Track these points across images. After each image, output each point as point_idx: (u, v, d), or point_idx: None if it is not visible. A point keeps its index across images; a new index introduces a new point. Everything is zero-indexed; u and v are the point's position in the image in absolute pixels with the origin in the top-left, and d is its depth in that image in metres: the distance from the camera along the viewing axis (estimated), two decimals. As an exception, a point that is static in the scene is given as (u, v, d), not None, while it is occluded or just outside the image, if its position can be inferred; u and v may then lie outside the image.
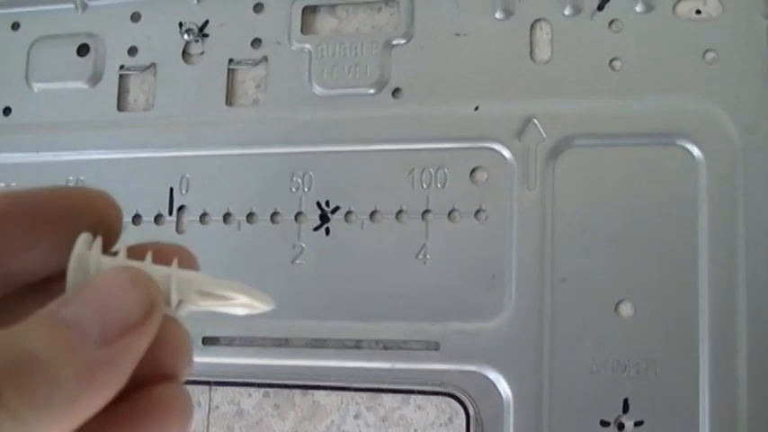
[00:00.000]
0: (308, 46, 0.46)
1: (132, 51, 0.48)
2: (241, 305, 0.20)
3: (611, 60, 0.42)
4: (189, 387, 0.20)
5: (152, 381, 0.19)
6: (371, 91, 0.45)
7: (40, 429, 0.16)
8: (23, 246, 0.19)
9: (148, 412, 0.19)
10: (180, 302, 0.19)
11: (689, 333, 0.39)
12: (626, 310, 0.40)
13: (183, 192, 0.46)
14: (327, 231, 0.44)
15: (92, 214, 0.20)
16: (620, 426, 0.39)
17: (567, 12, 0.43)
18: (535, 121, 0.42)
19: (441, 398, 0.42)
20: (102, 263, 0.19)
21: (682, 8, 0.42)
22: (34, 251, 0.19)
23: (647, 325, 0.40)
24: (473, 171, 0.43)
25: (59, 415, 0.16)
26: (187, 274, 0.20)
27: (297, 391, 0.44)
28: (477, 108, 0.43)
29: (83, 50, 0.49)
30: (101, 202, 0.20)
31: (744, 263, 0.39)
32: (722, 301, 0.39)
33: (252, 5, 0.47)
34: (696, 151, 0.41)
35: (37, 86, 0.49)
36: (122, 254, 0.20)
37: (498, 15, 0.44)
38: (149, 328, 0.18)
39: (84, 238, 0.19)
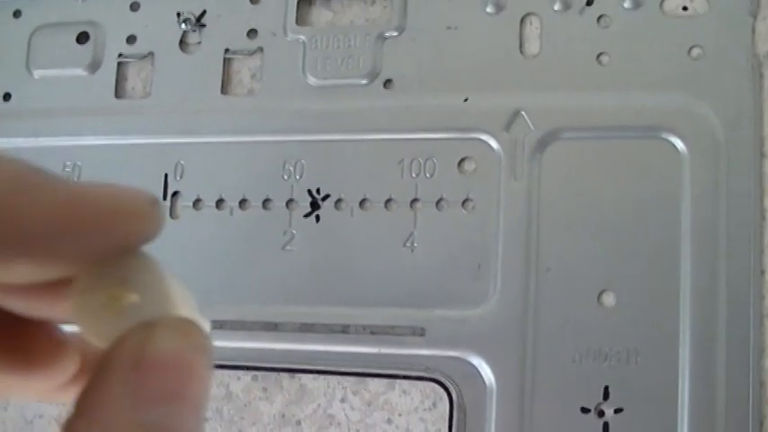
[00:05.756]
0: (302, 37, 0.47)
1: (131, 40, 0.49)
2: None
3: (599, 55, 0.43)
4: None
5: None
6: (364, 82, 0.45)
7: None
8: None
9: None
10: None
11: (670, 323, 0.40)
12: (608, 299, 0.41)
13: (178, 178, 0.47)
14: (318, 218, 0.45)
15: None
16: (601, 413, 0.40)
17: (556, 7, 0.44)
18: (523, 113, 0.43)
19: (425, 383, 0.42)
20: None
21: (669, 5, 0.43)
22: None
23: (629, 315, 0.41)
24: (461, 161, 0.44)
25: None
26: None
27: (285, 375, 0.45)
28: (466, 100, 0.44)
29: (82, 38, 0.50)
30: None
31: (725, 255, 0.40)
32: (703, 292, 0.40)
33: (248, -3, 0.48)
34: (680, 145, 0.41)
35: (37, 73, 0.50)
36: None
37: (489, 9, 0.45)
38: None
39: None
